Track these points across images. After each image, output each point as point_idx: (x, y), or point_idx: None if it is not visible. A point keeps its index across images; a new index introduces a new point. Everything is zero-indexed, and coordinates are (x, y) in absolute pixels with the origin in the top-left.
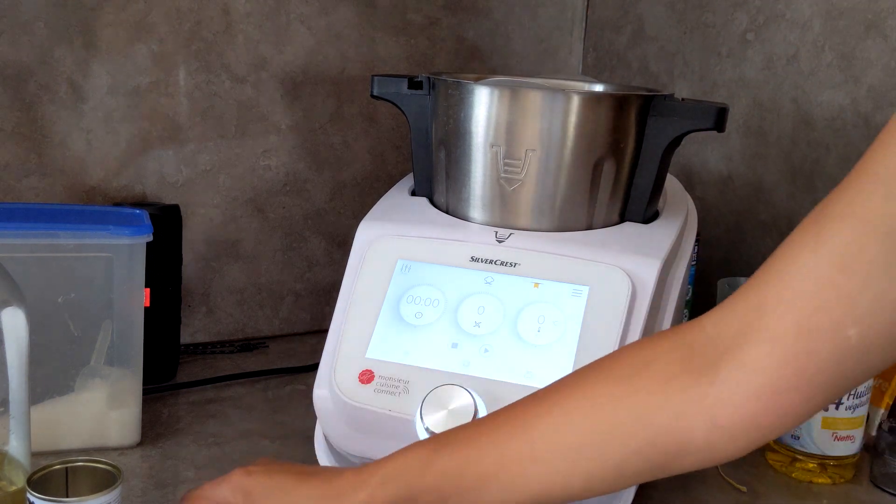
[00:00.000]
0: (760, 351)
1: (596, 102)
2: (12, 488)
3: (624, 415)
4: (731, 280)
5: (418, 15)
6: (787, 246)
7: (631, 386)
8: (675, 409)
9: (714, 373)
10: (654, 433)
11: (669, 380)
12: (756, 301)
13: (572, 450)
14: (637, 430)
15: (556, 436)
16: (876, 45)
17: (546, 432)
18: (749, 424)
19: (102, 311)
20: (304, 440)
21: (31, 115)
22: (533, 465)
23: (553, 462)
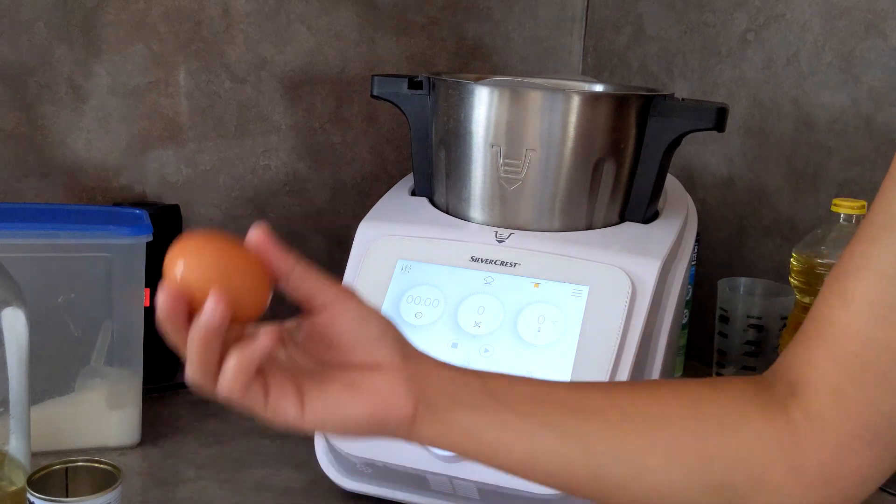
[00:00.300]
0: (824, 402)
1: (596, 102)
2: (12, 488)
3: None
4: (731, 280)
5: (418, 15)
6: (820, 304)
7: (700, 408)
8: (752, 438)
9: (785, 414)
10: (726, 462)
11: (744, 406)
12: (806, 356)
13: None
14: (707, 455)
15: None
16: (876, 45)
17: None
18: (827, 474)
19: (102, 311)
20: (305, 439)
21: (31, 115)
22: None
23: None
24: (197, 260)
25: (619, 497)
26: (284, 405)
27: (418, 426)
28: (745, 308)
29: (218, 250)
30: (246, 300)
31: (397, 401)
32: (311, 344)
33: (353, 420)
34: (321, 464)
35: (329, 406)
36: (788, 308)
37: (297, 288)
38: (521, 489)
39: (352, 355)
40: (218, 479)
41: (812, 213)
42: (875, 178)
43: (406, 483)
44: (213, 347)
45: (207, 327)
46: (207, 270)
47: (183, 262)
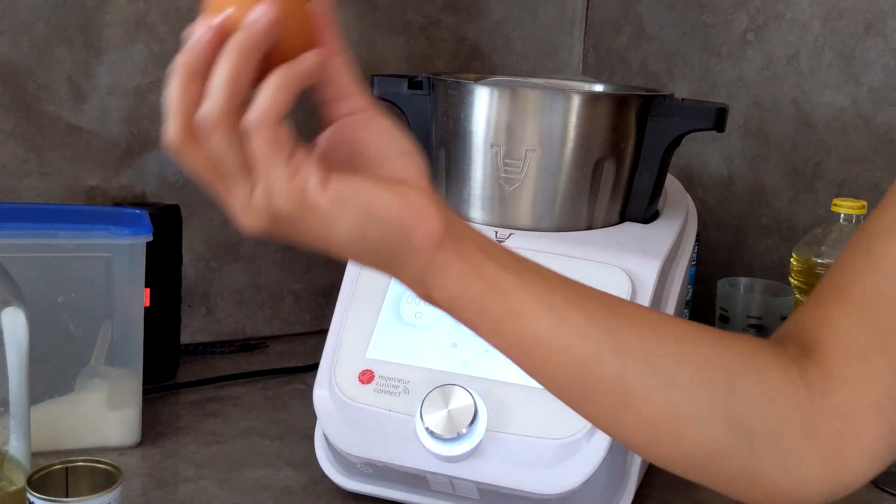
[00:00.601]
0: (843, 364)
1: (596, 102)
2: (12, 488)
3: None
4: (732, 280)
5: (418, 15)
6: (841, 266)
7: (724, 344)
8: (772, 385)
9: (800, 371)
10: (748, 402)
11: (762, 354)
12: (823, 316)
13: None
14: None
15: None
16: (876, 45)
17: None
18: (841, 445)
19: (102, 311)
20: (304, 439)
21: (31, 115)
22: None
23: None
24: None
25: (639, 413)
26: (307, 167)
27: (443, 256)
28: (744, 307)
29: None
30: (293, 39)
31: (428, 213)
32: (327, 157)
33: (378, 213)
34: (321, 464)
35: (356, 188)
36: (788, 308)
37: (332, 78)
38: (521, 489)
39: (375, 169)
40: (217, 478)
41: (811, 212)
42: (875, 178)
43: (406, 483)
44: (247, 66)
45: (251, 33)
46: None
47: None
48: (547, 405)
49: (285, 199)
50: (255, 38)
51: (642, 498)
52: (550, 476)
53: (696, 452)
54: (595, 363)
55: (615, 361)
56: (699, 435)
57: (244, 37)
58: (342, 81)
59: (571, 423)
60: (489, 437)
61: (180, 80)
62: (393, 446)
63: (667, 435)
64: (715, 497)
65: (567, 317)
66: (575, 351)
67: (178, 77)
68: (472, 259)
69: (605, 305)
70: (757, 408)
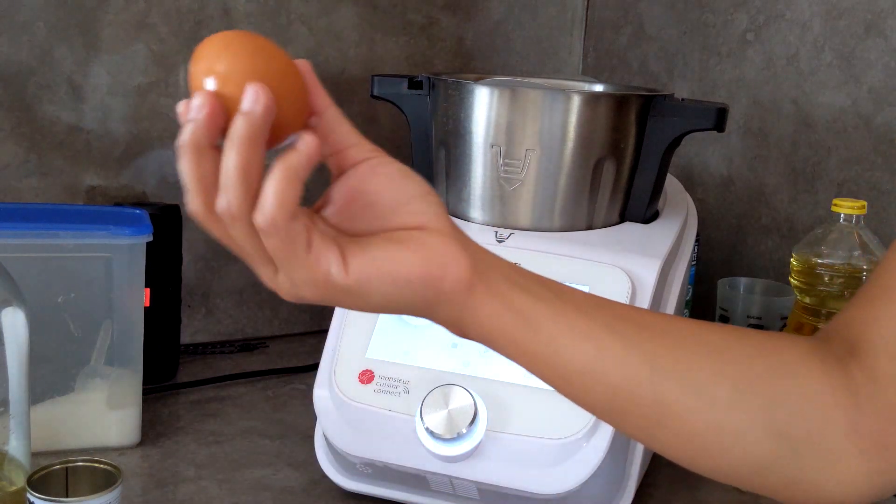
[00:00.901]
0: (888, 363)
1: (596, 102)
2: (12, 488)
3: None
4: (731, 280)
5: (418, 15)
6: (887, 264)
7: (764, 351)
8: (814, 390)
9: (844, 371)
10: (788, 410)
11: (805, 357)
12: (869, 315)
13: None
14: (772, 398)
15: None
16: (876, 45)
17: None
18: (884, 441)
19: (102, 311)
20: (304, 439)
21: (31, 115)
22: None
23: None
24: (233, 61)
25: (678, 432)
26: (327, 256)
27: (476, 297)
28: (744, 307)
29: (256, 49)
30: (286, 112)
31: (454, 257)
32: (343, 211)
33: (404, 276)
34: (321, 464)
35: (378, 259)
36: (788, 308)
37: (330, 133)
38: (521, 489)
39: (393, 217)
40: (217, 478)
41: (811, 212)
42: (875, 178)
43: (406, 483)
44: (256, 154)
45: (251, 123)
46: (247, 75)
47: (218, 64)
48: (547, 405)
49: (310, 288)
50: (255, 126)
51: (642, 498)
52: (550, 476)
53: (740, 465)
54: (633, 388)
55: (652, 384)
56: (742, 448)
57: (245, 127)
58: (341, 132)
59: (571, 423)
60: (489, 437)
61: (190, 158)
62: (393, 446)
63: (709, 451)
64: (715, 497)
65: (604, 345)
66: (612, 378)
67: (187, 155)
68: (505, 295)
69: (642, 327)
70: (798, 414)
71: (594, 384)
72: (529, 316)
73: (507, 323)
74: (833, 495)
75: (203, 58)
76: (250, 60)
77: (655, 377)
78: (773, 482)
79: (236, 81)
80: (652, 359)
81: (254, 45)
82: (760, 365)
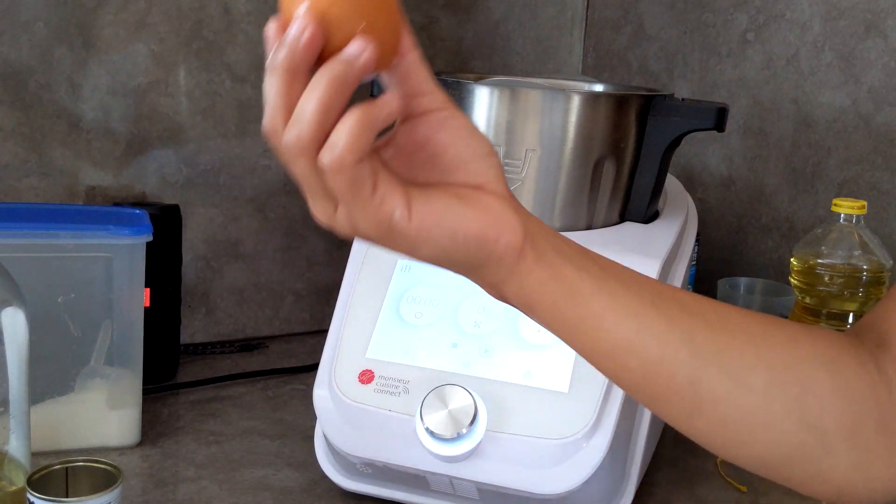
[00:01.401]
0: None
1: (596, 102)
2: (12, 488)
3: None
4: (732, 280)
5: (418, 15)
6: None
7: (799, 341)
8: (849, 382)
9: (876, 365)
10: (822, 401)
11: (840, 350)
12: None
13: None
14: (807, 387)
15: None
16: (876, 45)
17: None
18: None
19: (102, 311)
20: (304, 439)
21: (31, 115)
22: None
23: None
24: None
25: (711, 416)
26: (392, 199)
27: (524, 263)
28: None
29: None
30: (384, 45)
31: (509, 223)
32: (405, 156)
33: (462, 232)
34: (321, 464)
35: (440, 211)
36: (788, 308)
37: (408, 75)
38: (521, 489)
39: (454, 173)
40: (217, 478)
41: (811, 212)
42: (875, 178)
43: (406, 483)
44: (341, 97)
45: (348, 71)
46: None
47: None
48: (547, 405)
49: (371, 228)
50: (351, 75)
51: (642, 498)
52: (550, 476)
53: (769, 455)
54: (670, 367)
55: (690, 365)
56: (774, 437)
57: (340, 71)
58: (418, 78)
59: (571, 423)
60: (489, 437)
61: (282, 81)
62: (393, 446)
63: (740, 437)
64: (716, 496)
65: (646, 322)
66: (651, 355)
67: (279, 78)
68: (552, 264)
69: (684, 307)
70: (831, 407)
71: (632, 360)
72: (574, 286)
73: (552, 291)
74: (859, 492)
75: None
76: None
77: (694, 358)
78: (800, 474)
79: (340, 8)
80: (691, 339)
81: None
82: (798, 353)
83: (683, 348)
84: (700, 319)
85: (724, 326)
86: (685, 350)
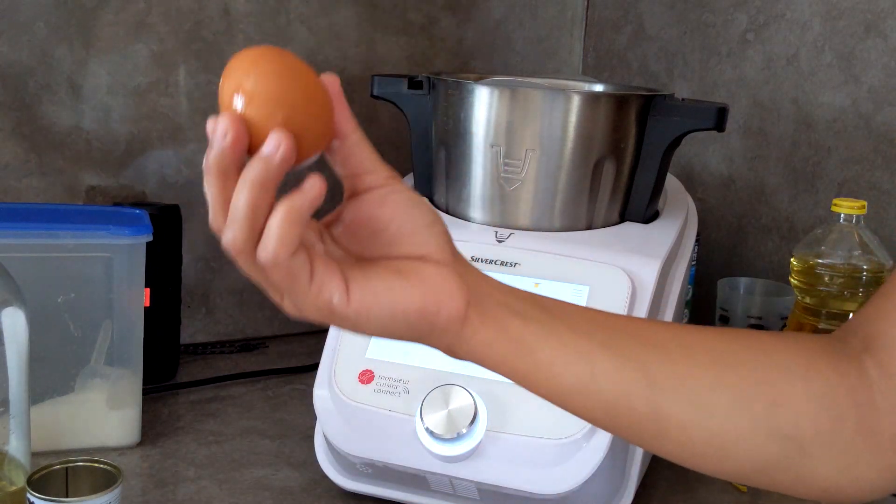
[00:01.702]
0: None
1: (596, 102)
2: (12, 488)
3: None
4: (731, 280)
5: (418, 15)
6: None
7: (767, 354)
8: (822, 390)
9: (859, 369)
10: (793, 412)
11: (815, 358)
12: (886, 310)
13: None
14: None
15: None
16: (876, 45)
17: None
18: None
19: (102, 311)
20: (304, 439)
21: (31, 115)
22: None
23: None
24: (261, 80)
25: (678, 441)
26: (329, 286)
27: (469, 328)
28: (744, 308)
29: (285, 70)
30: (310, 134)
31: (449, 293)
32: (351, 232)
33: (401, 309)
34: (321, 464)
35: (378, 292)
36: (788, 308)
37: (349, 156)
38: (521, 489)
39: (398, 246)
40: (217, 478)
41: (811, 212)
42: (875, 178)
43: (406, 483)
44: (266, 196)
45: (267, 169)
46: (274, 96)
47: (246, 82)
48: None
49: (313, 313)
50: (271, 173)
51: (642, 498)
52: (550, 476)
53: (744, 467)
54: (629, 402)
55: (648, 397)
56: (745, 452)
57: (261, 171)
58: (360, 157)
59: (571, 423)
60: (489, 437)
61: (213, 181)
62: (393, 446)
63: (710, 456)
64: (716, 497)
65: (598, 362)
66: (608, 395)
67: (210, 178)
68: (497, 321)
69: (638, 340)
70: (804, 415)
71: (590, 401)
72: (522, 339)
73: (500, 348)
74: (846, 491)
75: (232, 74)
76: (278, 80)
77: (652, 391)
78: (782, 480)
79: (263, 102)
80: (647, 373)
81: (283, 63)
82: (764, 368)
83: (640, 383)
84: (658, 349)
85: (685, 352)
86: (642, 384)
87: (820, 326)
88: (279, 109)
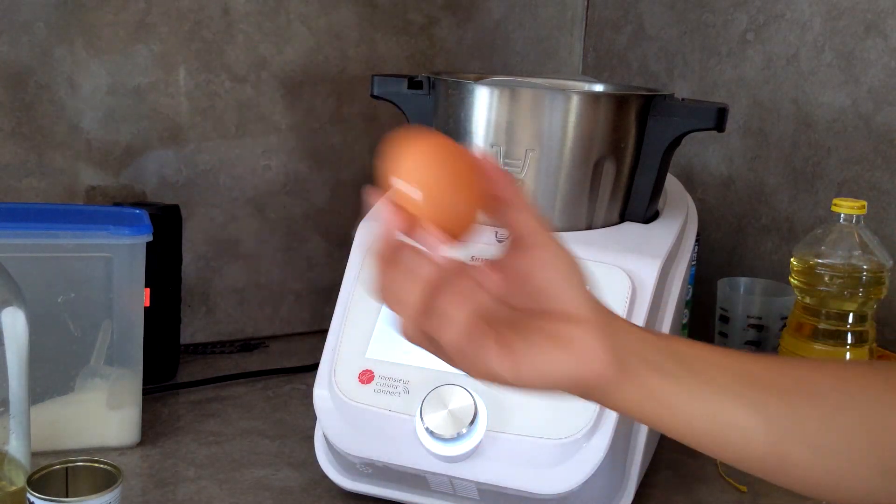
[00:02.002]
0: None
1: (596, 102)
2: (12, 488)
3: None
4: (731, 280)
5: (418, 15)
6: None
7: (870, 389)
8: None
9: None
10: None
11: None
12: None
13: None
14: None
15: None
16: (876, 45)
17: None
18: None
19: (102, 311)
20: (304, 439)
21: (31, 115)
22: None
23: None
24: (425, 172)
25: (792, 474)
26: (497, 365)
27: (618, 391)
28: (745, 308)
29: (448, 158)
30: (459, 222)
31: (597, 357)
32: (508, 286)
33: (557, 379)
34: (321, 464)
35: (538, 364)
36: (788, 308)
37: (513, 221)
38: (521, 489)
39: (550, 303)
40: (217, 478)
41: (811, 212)
42: (875, 178)
43: (406, 483)
44: (427, 285)
45: (434, 269)
46: (434, 189)
47: (413, 173)
48: (547, 405)
49: (481, 377)
50: (434, 262)
51: (642, 498)
52: (550, 476)
53: (857, 495)
54: (747, 441)
55: (768, 439)
56: (853, 487)
57: (431, 269)
58: (525, 220)
59: (571, 423)
60: (489, 437)
61: (380, 268)
62: (393, 446)
63: (823, 488)
64: (716, 497)
65: (730, 417)
66: (736, 445)
67: (377, 265)
68: (642, 382)
69: (759, 385)
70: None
71: (723, 449)
72: (667, 401)
73: (647, 409)
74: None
75: (406, 165)
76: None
77: (770, 432)
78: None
79: (427, 201)
80: (767, 414)
81: (447, 154)
82: (871, 404)
83: (760, 426)
84: (775, 390)
85: (798, 389)
86: (762, 427)
87: (820, 326)
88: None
